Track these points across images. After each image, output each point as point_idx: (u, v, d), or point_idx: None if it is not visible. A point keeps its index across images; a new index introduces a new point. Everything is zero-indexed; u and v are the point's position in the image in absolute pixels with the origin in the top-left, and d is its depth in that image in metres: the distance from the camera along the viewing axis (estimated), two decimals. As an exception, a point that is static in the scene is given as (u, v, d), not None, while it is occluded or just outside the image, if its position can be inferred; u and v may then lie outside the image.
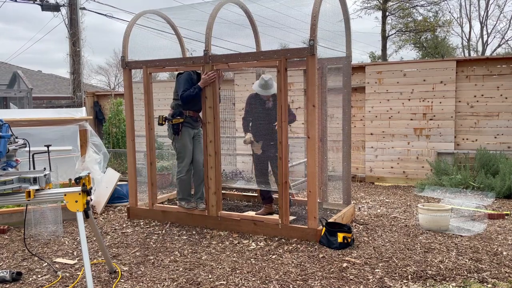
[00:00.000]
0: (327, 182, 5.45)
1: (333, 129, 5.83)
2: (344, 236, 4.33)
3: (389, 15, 27.10)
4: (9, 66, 21.11)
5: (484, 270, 3.73)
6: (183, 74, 5.22)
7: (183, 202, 5.36)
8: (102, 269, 3.95)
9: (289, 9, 5.15)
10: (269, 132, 5.03)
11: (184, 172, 5.33)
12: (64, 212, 5.13)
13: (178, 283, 3.60)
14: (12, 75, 12.07)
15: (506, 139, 7.31)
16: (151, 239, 4.79)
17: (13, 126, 3.65)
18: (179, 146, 5.29)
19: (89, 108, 11.50)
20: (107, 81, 38.97)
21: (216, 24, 4.94)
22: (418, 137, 7.84)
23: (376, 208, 6.08)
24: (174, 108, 5.31)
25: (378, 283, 3.51)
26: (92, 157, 6.30)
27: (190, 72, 5.22)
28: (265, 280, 3.61)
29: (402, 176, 7.99)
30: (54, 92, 19.51)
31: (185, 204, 5.34)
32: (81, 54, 11.60)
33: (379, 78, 8.00)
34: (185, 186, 5.38)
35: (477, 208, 5.75)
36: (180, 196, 5.40)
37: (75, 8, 11.35)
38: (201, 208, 5.24)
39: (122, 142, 9.81)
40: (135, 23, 5.59)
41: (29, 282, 3.70)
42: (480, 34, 30.02)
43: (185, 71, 5.22)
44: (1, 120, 3.30)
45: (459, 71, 7.52)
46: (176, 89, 5.26)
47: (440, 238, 4.64)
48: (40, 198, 3.26)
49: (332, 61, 5.22)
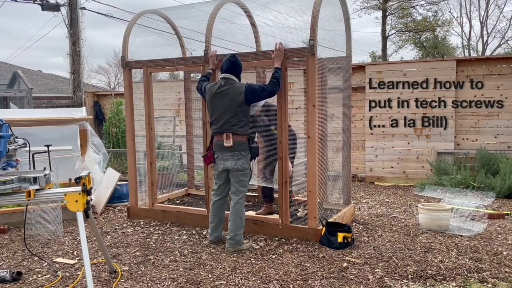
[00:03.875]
0: (327, 182, 5.44)
1: (333, 129, 5.83)
2: (344, 236, 4.33)
3: (389, 15, 27.10)
4: (9, 66, 21.11)
5: (484, 270, 3.73)
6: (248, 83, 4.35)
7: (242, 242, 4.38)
8: (102, 269, 3.95)
9: (289, 9, 5.16)
10: (273, 137, 4.93)
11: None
12: (64, 212, 5.12)
13: (178, 282, 3.60)
14: (12, 75, 12.07)
15: (506, 138, 7.31)
16: (151, 239, 4.79)
17: (13, 126, 3.65)
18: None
19: (89, 108, 11.50)
20: (107, 81, 38.98)
21: (216, 24, 4.94)
22: (418, 137, 7.84)
23: (376, 208, 6.08)
24: (244, 125, 4.34)
25: (378, 283, 3.51)
26: (92, 157, 6.30)
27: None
28: (265, 280, 3.61)
29: (402, 176, 7.99)
30: (54, 92, 19.51)
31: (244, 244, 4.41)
32: (81, 54, 11.61)
33: (379, 78, 8.00)
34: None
35: (477, 208, 5.75)
36: (238, 232, 4.33)
37: (75, 8, 11.35)
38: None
39: (122, 142, 9.81)
40: (135, 23, 5.60)
41: (29, 282, 3.70)
42: (480, 34, 30.04)
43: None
44: (1, 120, 3.30)
45: (459, 71, 7.52)
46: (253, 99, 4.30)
47: (440, 238, 4.64)
48: (40, 198, 3.26)
49: (332, 61, 5.22)
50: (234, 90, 4.27)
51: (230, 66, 4.35)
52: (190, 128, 6.50)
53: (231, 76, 4.35)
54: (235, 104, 4.25)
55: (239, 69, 4.40)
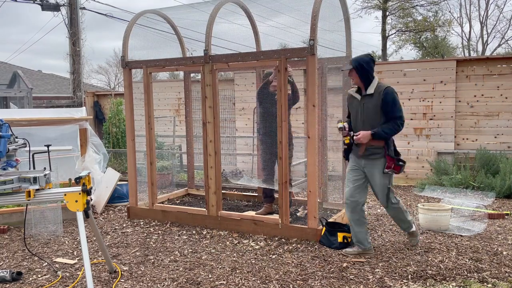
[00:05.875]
0: (327, 182, 5.44)
1: (333, 129, 5.82)
2: (344, 236, 4.33)
3: (389, 15, 27.12)
4: (9, 66, 21.12)
5: (484, 270, 3.73)
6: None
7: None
8: (102, 269, 3.95)
9: (289, 8, 5.16)
10: (272, 136, 4.92)
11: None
12: (64, 212, 5.13)
13: (178, 282, 3.60)
14: (12, 75, 12.07)
15: (506, 138, 7.31)
16: (151, 239, 4.79)
17: (13, 126, 3.66)
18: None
19: (89, 108, 11.50)
20: (107, 81, 38.99)
21: (216, 24, 4.94)
22: (418, 137, 7.84)
23: (376, 208, 6.08)
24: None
25: (378, 283, 3.51)
26: (92, 157, 6.30)
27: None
28: (265, 280, 3.61)
29: (402, 175, 7.98)
30: (54, 92, 19.53)
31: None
32: (81, 54, 11.61)
33: (379, 78, 7.98)
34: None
35: (477, 208, 5.74)
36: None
37: (75, 8, 11.35)
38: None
39: (122, 142, 9.81)
40: (135, 23, 5.60)
41: (29, 282, 3.70)
42: (480, 34, 30.01)
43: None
44: (1, 120, 3.30)
45: (459, 70, 7.52)
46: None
47: (440, 238, 4.64)
48: (40, 198, 3.26)
49: (332, 61, 5.22)
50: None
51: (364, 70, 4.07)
52: (190, 128, 6.51)
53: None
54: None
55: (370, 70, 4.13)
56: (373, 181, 4.15)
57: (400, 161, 4.14)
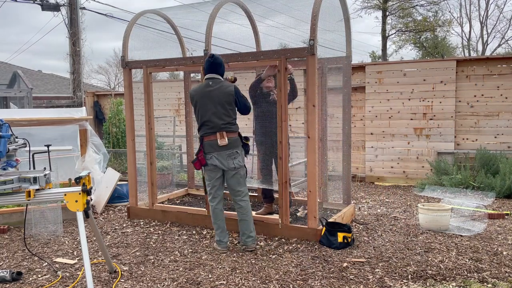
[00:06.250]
0: (327, 182, 5.44)
1: (333, 129, 5.83)
2: (344, 236, 4.33)
3: (389, 15, 27.12)
4: (9, 66, 21.13)
5: (484, 270, 3.73)
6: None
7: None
8: (102, 269, 3.95)
9: (289, 9, 5.16)
10: (274, 130, 4.91)
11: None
12: (64, 212, 5.13)
13: (178, 282, 3.60)
14: (12, 75, 12.09)
15: (506, 139, 7.31)
16: (151, 239, 4.79)
17: (13, 126, 3.66)
18: None
19: (89, 108, 11.50)
20: (107, 81, 38.98)
21: (216, 24, 4.94)
22: (418, 137, 7.84)
23: (376, 208, 6.08)
24: (235, 123, 4.48)
25: (378, 283, 3.51)
26: (92, 157, 6.30)
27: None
28: (265, 280, 3.61)
29: (402, 176, 7.99)
30: (54, 92, 19.54)
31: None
32: (81, 54, 11.61)
33: (379, 78, 7.99)
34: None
35: (477, 208, 5.75)
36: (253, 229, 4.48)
37: (75, 8, 11.35)
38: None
39: (122, 142, 9.81)
40: (135, 23, 5.60)
41: (29, 282, 3.70)
42: (480, 34, 30.03)
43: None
44: (1, 120, 3.30)
45: (459, 70, 7.52)
46: None
47: (440, 238, 4.64)
48: (40, 198, 3.26)
49: (332, 61, 5.22)
50: (223, 88, 4.28)
51: (211, 66, 4.34)
52: (190, 128, 6.51)
53: (216, 76, 4.36)
54: (227, 102, 4.26)
55: (221, 67, 4.39)
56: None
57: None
